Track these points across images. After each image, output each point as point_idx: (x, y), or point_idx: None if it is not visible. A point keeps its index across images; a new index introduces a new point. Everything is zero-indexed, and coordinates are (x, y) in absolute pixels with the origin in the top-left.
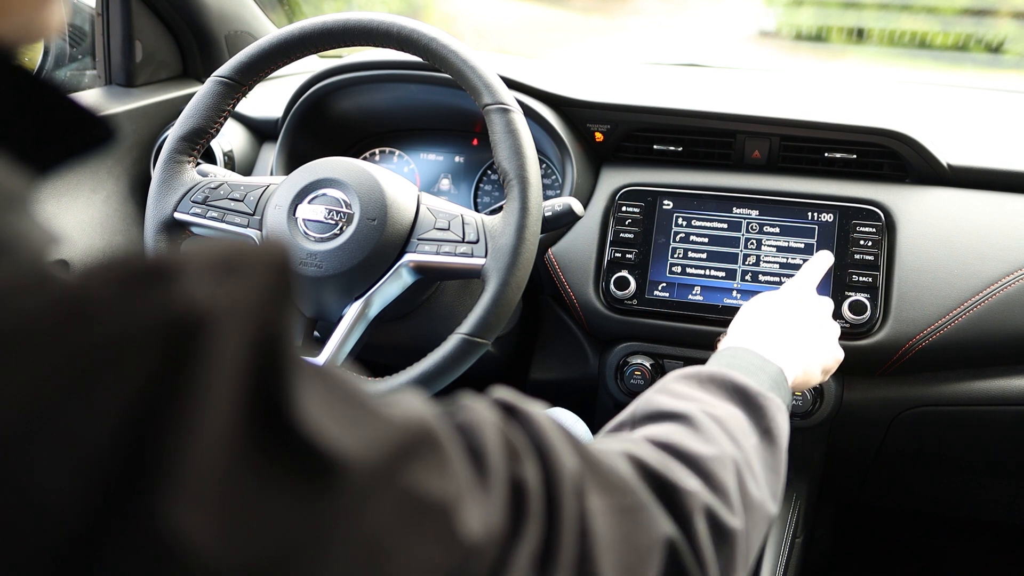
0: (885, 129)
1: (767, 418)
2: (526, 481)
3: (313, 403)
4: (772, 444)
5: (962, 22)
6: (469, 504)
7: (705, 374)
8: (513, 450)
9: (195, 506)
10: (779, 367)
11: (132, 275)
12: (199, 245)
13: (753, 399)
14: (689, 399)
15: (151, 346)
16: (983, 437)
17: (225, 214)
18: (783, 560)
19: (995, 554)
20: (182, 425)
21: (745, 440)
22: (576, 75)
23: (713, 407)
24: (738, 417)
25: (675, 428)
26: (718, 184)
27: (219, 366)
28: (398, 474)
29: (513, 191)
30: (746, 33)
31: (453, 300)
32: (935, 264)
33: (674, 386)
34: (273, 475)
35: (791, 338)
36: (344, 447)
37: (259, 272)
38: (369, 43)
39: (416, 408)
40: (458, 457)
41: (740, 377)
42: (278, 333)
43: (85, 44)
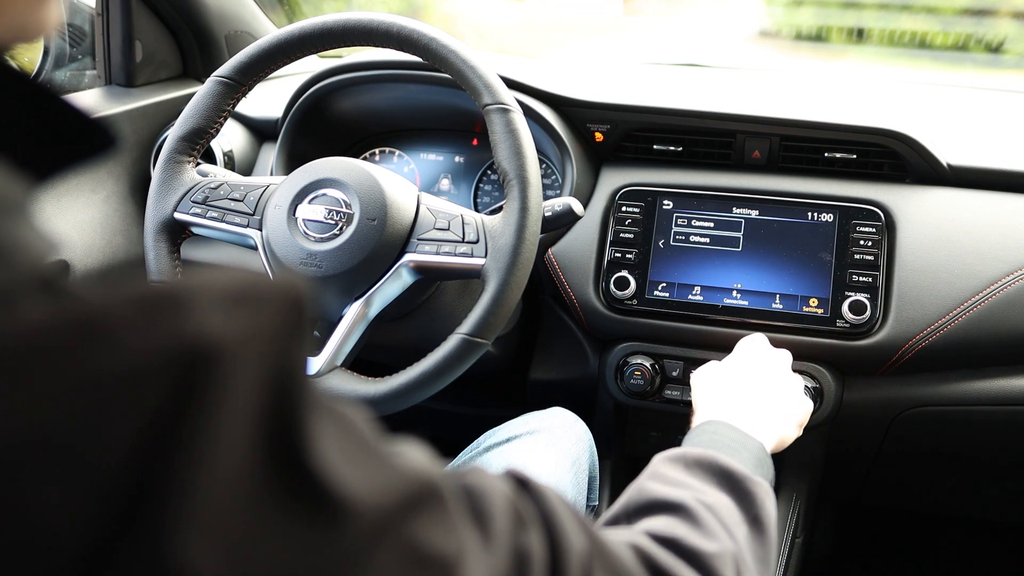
0: (885, 129)
1: (756, 505)
2: (531, 551)
3: (327, 443)
4: (762, 534)
5: (962, 22)
6: (471, 564)
7: (692, 457)
8: (520, 518)
9: (203, 539)
10: (759, 442)
11: (146, 300)
12: (215, 274)
13: (741, 484)
14: (681, 486)
15: (165, 374)
16: (983, 437)
17: (225, 214)
18: (783, 560)
19: (995, 554)
20: (193, 456)
21: (738, 531)
22: (576, 75)
23: (704, 495)
24: (729, 506)
25: (674, 522)
26: (718, 184)
27: (232, 398)
28: (403, 524)
29: (513, 191)
30: (746, 33)
31: (453, 300)
32: (935, 264)
33: (664, 471)
34: (282, 512)
35: (763, 404)
36: (354, 491)
37: (275, 305)
38: (369, 43)
39: (423, 463)
40: (461, 516)
41: (726, 460)
42: (293, 368)
43: (85, 44)
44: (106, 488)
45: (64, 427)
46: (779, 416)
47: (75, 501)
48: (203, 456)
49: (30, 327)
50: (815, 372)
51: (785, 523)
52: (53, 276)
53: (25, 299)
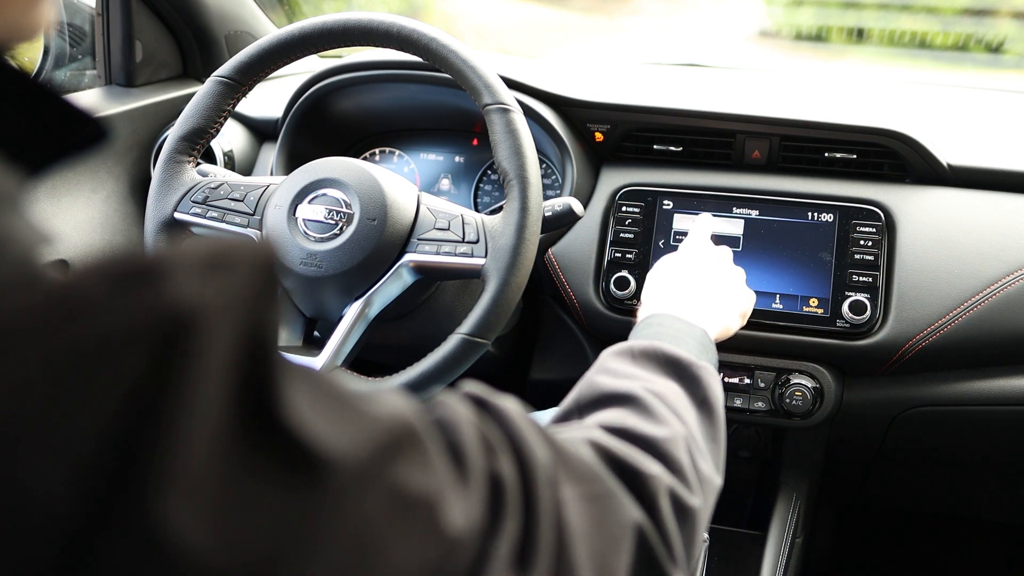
0: (885, 129)
1: (703, 387)
2: (503, 475)
3: (301, 401)
4: (710, 414)
5: (962, 22)
6: (451, 498)
7: (638, 349)
8: (489, 445)
9: (187, 503)
10: (702, 328)
11: (122, 273)
12: (187, 243)
13: (687, 370)
14: (629, 377)
15: (141, 344)
16: (983, 437)
17: (225, 214)
18: (783, 560)
19: (995, 554)
20: (173, 423)
21: (687, 414)
22: (576, 75)
23: (653, 383)
24: (676, 391)
25: (625, 412)
26: (718, 184)
27: (209, 364)
28: (384, 470)
29: (513, 191)
30: (746, 33)
31: (453, 300)
32: (935, 264)
33: (612, 364)
34: (263, 472)
35: (705, 294)
36: (332, 444)
37: (247, 270)
38: (369, 43)
39: (398, 406)
40: (438, 453)
41: (671, 348)
42: (265, 331)
43: (85, 44)
44: (90, 459)
45: (47, 401)
46: (721, 305)
47: (59, 473)
48: (183, 421)
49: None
50: (815, 372)
51: (785, 523)
52: (42, 269)
53: (14, 291)
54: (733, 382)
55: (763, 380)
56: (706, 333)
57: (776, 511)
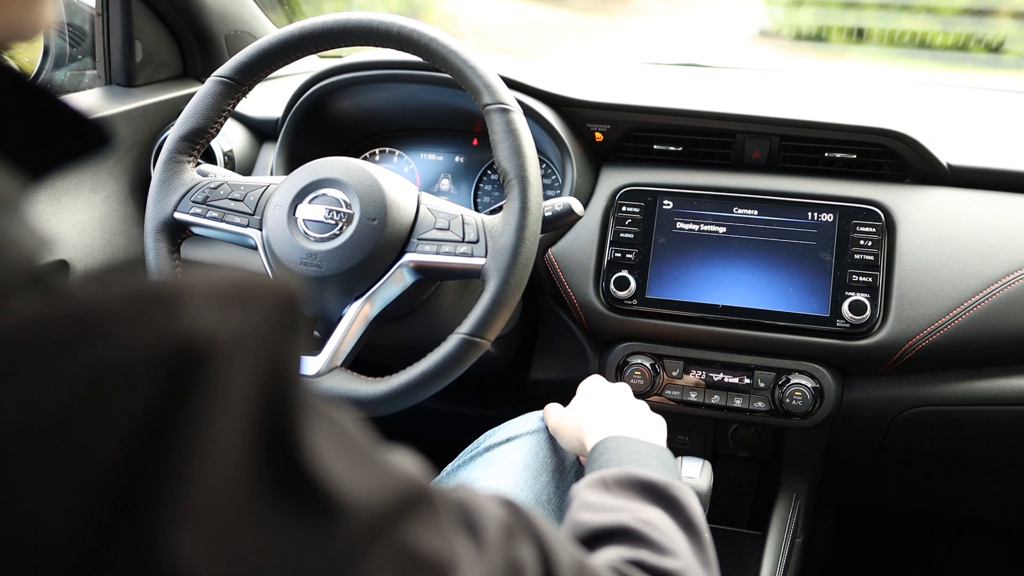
0: (885, 129)
1: (686, 511)
2: (524, 561)
3: (320, 443)
4: (699, 538)
5: (962, 22)
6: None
7: (610, 478)
8: (511, 531)
9: (197, 537)
10: (660, 446)
11: (140, 298)
12: (208, 272)
13: (664, 493)
14: (612, 509)
15: (157, 371)
16: (983, 437)
17: (225, 214)
18: (783, 560)
19: (995, 554)
20: (186, 454)
21: (680, 541)
22: (576, 75)
23: (638, 512)
24: (663, 518)
25: (629, 547)
26: (718, 184)
27: (225, 397)
28: (396, 526)
29: (513, 191)
30: (746, 33)
31: (453, 300)
32: (935, 264)
33: (590, 499)
34: (277, 512)
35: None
36: (348, 491)
37: (269, 304)
38: (369, 43)
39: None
40: (453, 524)
41: (642, 472)
42: (286, 367)
43: (85, 44)
44: (98, 486)
45: (56, 423)
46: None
47: (67, 499)
48: (196, 454)
49: (21, 322)
50: (815, 372)
51: (785, 523)
52: (45, 272)
53: (16, 295)
54: (733, 382)
55: (763, 380)
56: (665, 450)
57: (776, 511)
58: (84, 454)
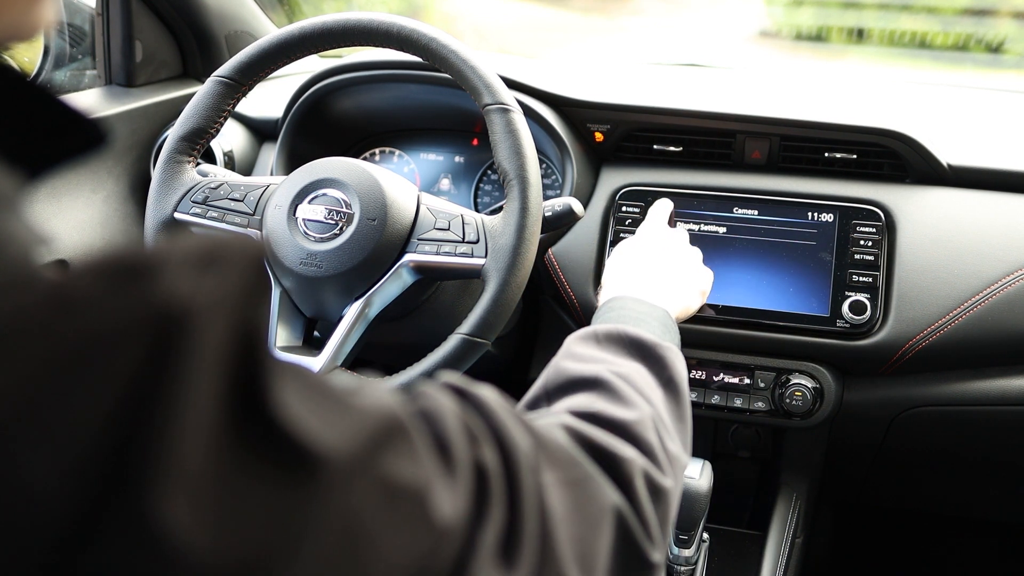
0: (885, 129)
1: (667, 368)
2: (487, 464)
3: (291, 396)
4: (676, 393)
5: (962, 22)
6: (439, 489)
7: (602, 332)
8: (472, 435)
9: (182, 499)
10: (664, 309)
11: (115, 270)
12: (179, 239)
13: (651, 351)
14: (595, 361)
15: (137, 340)
16: (983, 437)
17: (225, 214)
18: (783, 560)
19: (995, 554)
20: (168, 419)
21: (654, 395)
22: (576, 75)
23: (618, 366)
24: (642, 372)
25: (594, 396)
26: (718, 184)
27: (202, 361)
28: (373, 463)
29: (513, 191)
30: (746, 33)
31: (453, 300)
32: (935, 264)
33: (577, 349)
34: (255, 467)
35: (664, 275)
36: (322, 439)
37: (239, 266)
38: (369, 43)
39: (384, 398)
40: (424, 445)
41: (634, 330)
42: (257, 327)
43: (85, 44)
44: (87, 455)
45: (43, 398)
46: (681, 285)
47: (55, 469)
48: (177, 418)
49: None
50: (815, 372)
51: (785, 523)
52: (40, 270)
53: (11, 291)
54: (733, 382)
55: (763, 380)
56: (667, 313)
57: (776, 511)
58: (71, 426)
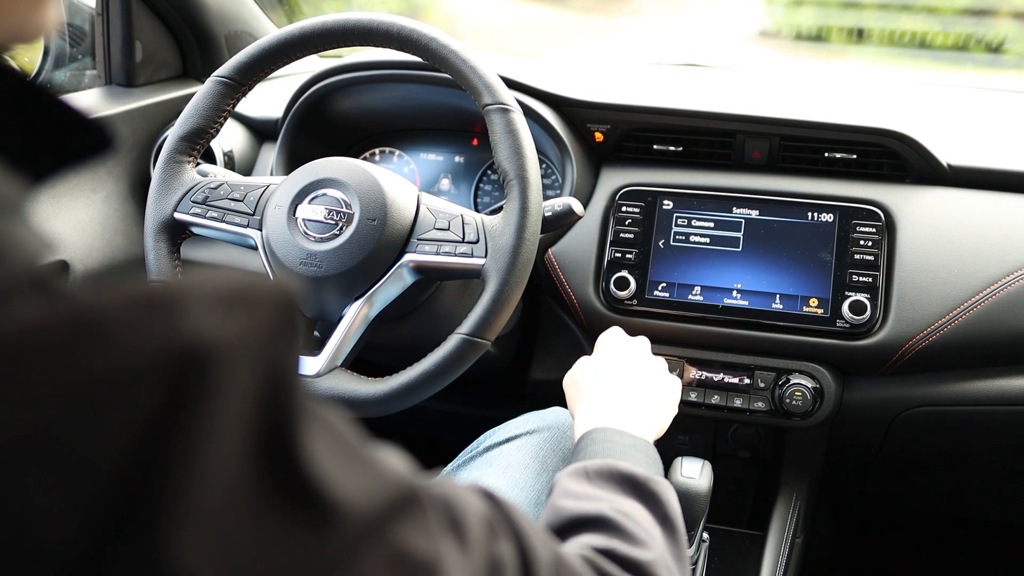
0: (885, 129)
1: (663, 505)
2: (504, 559)
3: (317, 447)
4: (673, 532)
5: (962, 22)
6: (451, 569)
7: (592, 468)
8: (492, 528)
9: (197, 540)
10: (645, 440)
11: (141, 301)
12: (209, 275)
13: (644, 487)
14: (592, 499)
15: (160, 375)
16: (983, 437)
17: (225, 214)
18: (783, 560)
19: (995, 554)
20: (188, 457)
21: (655, 534)
22: (576, 75)
23: (617, 503)
24: (640, 511)
25: (603, 536)
26: (718, 184)
27: (226, 401)
28: (388, 529)
29: (513, 191)
30: (746, 33)
31: (453, 300)
32: (935, 264)
33: (571, 487)
34: (275, 514)
35: (636, 398)
36: (344, 494)
37: (269, 308)
38: (369, 43)
39: (404, 468)
40: (440, 524)
41: (624, 466)
42: (285, 371)
43: (85, 44)
44: (100, 489)
45: (58, 427)
46: (654, 406)
47: (69, 502)
48: (197, 458)
49: (24, 326)
50: (815, 372)
51: (785, 523)
52: (47, 275)
53: (19, 298)
54: (733, 382)
55: (763, 380)
56: (649, 444)
57: (776, 511)
58: (87, 458)
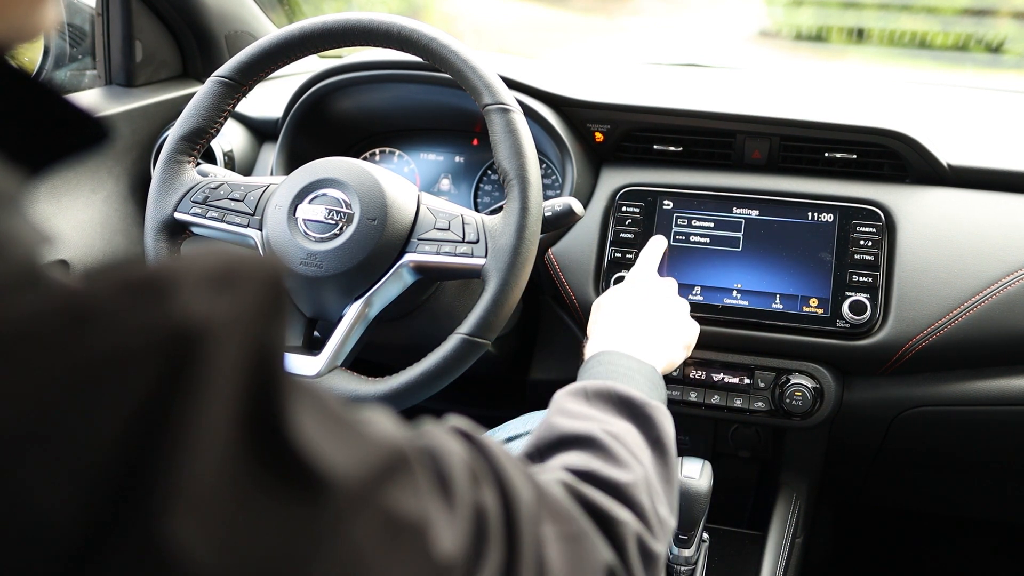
0: (885, 129)
1: (656, 428)
2: (487, 506)
3: (306, 419)
4: (664, 455)
5: (962, 22)
6: (440, 524)
7: (591, 389)
8: (475, 476)
9: (193, 519)
10: (651, 365)
11: (131, 285)
12: (196, 254)
13: (640, 410)
14: (586, 418)
15: (151, 358)
16: (983, 437)
17: (225, 214)
18: (783, 560)
19: (995, 554)
20: (181, 438)
21: (643, 455)
22: (576, 75)
23: (609, 424)
24: (632, 432)
25: (587, 455)
26: (718, 184)
27: (217, 380)
28: (379, 493)
29: (513, 191)
30: (746, 33)
31: (453, 300)
32: (935, 264)
33: (568, 405)
34: (267, 489)
35: (650, 329)
36: (332, 464)
37: (256, 287)
38: (369, 43)
39: (391, 430)
40: (427, 480)
41: (624, 388)
42: (273, 348)
43: (85, 44)
44: (96, 471)
45: (53, 411)
46: (667, 339)
47: (65, 485)
48: (190, 438)
49: (17, 315)
50: (815, 372)
51: (785, 523)
52: (45, 269)
53: (16, 291)
54: (733, 382)
55: (763, 380)
56: (655, 370)
57: (776, 511)
58: (82, 442)
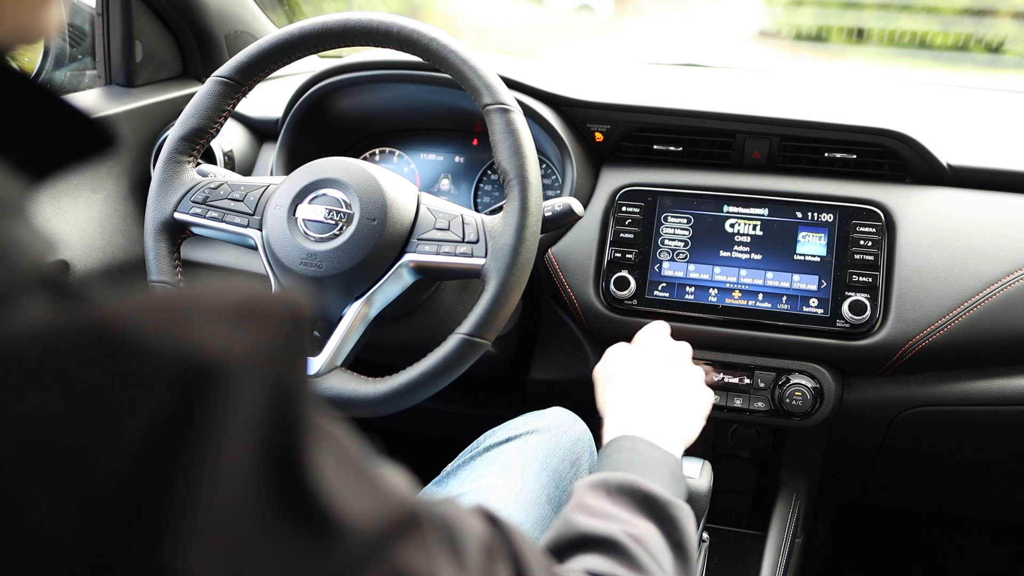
0: (885, 129)
1: (678, 531)
2: None
3: (324, 463)
4: (685, 559)
5: (962, 22)
6: None
7: (614, 484)
8: (490, 551)
9: (203, 553)
10: (673, 455)
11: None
12: (219, 286)
13: (663, 510)
14: (608, 518)
15: (170, 386)
16: (983, 437)
17: (225, 214)
18: (783, 560)
19: (995, 554)
20: (195, 471)
21: (664, 560)
22: (576, 75)
23: (631, 526)
24: (655, 535)
25: (609, 561)
26: (718, 184)
27: (235, 416)
28: (390, 547)
29: (513, 191)
30: (746, 33)
31: (453, 300)
32: (935, 264)
33: (589, 501)
34: (280, 530)
35: (670, 408)
36: (348, 512)
37: (279, 323)
38: (369, 43)
39: (407, 488)
40: (438, 545)
41: (647, 485)
42: (294, 386)
43: (85, 44)
44: (107, 499)
45: (65, 434)
46: (687, 419)
47: (75, 511)
48: (204, 471)
49: (34, 329)
50: (815, 372)
51: (785, 523)
52: (52, 276)
53: (24, 299)
54: (733, 382)
55: (763, 380)
56: (677, 461)
57: (776, 511)
58: (94, 466)
